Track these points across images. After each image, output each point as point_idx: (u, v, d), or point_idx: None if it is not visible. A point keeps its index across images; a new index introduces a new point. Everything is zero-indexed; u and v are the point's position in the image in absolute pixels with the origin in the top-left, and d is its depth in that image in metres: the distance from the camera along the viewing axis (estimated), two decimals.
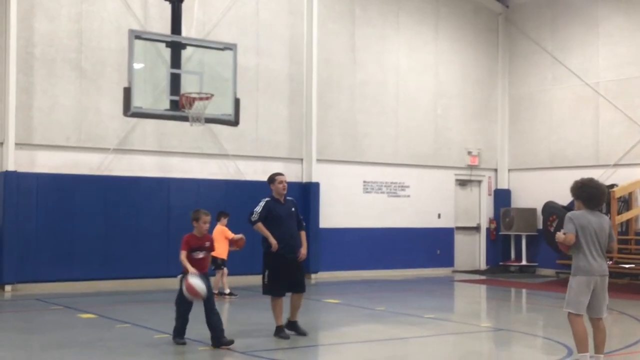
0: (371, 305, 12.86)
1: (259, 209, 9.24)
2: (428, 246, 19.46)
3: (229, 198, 15.97)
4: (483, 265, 20.64)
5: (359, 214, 18.27)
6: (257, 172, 16.80)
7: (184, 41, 13.13)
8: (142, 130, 15.44)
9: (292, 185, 16.96)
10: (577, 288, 7.08)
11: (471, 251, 20.71)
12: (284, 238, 9.16)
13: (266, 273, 9.23)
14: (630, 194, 17.57)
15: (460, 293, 16.40)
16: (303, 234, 9.54)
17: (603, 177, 18.07)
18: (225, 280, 13.54)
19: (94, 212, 14.87)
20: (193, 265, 8.45)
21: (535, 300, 14.91)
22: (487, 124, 20.79)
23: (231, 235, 12.79)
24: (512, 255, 20.24)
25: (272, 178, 9.47)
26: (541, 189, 19.49)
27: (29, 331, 10.14)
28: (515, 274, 19.57)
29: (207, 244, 8.66)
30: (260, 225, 9.23)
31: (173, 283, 15.22)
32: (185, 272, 8.44)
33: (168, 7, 13.82)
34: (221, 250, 12.93)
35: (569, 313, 7.13)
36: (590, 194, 7.16)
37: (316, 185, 17.28)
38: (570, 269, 7.43)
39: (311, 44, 17.48)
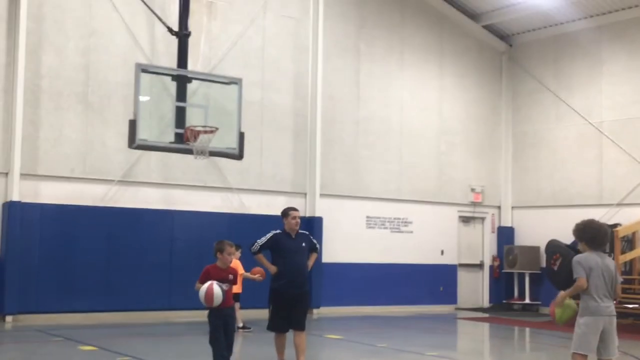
0: (373, 341, 12.78)
1: (262, 240, 9.17)
2: (431, 283, 19.38)
3: (233, 231, 15.92)
4: (486, 303, 20.53)
5: (361, 249, 18.24)
6: (260, 205, 16.83)
7: (189, 75, 13.29)
8: (146, 162, 15.50)
9: None
10: (586, 329, 7.02)
11: (474, 288, 20.61)
12: (288, 273, 9.03)
13: (270, 308, 9.16)
14: (633, 233, 17.52)
15: (463, 331, 16.28)
16: (314, 255, 9.47)
17: (606, 216, 18.06)
18: (238, 315, 13.31)
19: (97, 243, 14.86)
20: None
21: (539, 339, 14.79)
22: (491, 161, 20.84)
23: (241, 271, 12.56)
24: (516, 293, 20.13)
25: (286, 212, 9.35)
26: (544, 227, 19.46)
27: None
28: (519, 312, 19.45)
29: (231, 276, 8.33)
30: (259, 256, 9.19)
31: (175, 316, 15.24)
32: (210, 308, 8.16)
33: (175, 41, 14.02)
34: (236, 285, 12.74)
35: (574, 354, 7.06)
36: (593, 235, 7.16)
37: (319, 220, 17.27)
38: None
39: (316, 80, 17.62)
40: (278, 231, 9.28)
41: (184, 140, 12.56)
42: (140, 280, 15.19)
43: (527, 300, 19.75)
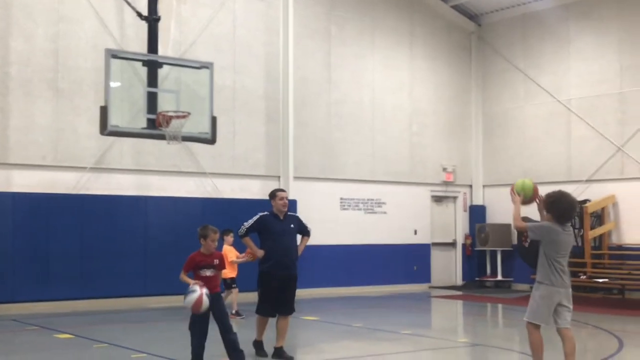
0: (349, 321, 12.92)
1: (249, 223, 9.04)
2: (405, 262, 19.59)
3: (207, 216, 15.92)
4: (459, 281, 20.80)
5: (336, 231, 18.36)
6: (234, 189, 16.86)
7: (160, 60, 13.18)
8: (119, 149, 15.44)
9: (269, 203, 17.04)
10: (541, 300, 7.15)
11: (447, 267, 20.86)
12: (275, 255, 8.92)
13: (259, 292, 9.08)
14: (602, 209, 17.85)
15: (436, 309, 16.51)
16: (305, 239, 9.44)
17: (576, 192, 18.30)
18: (234, 300, 13.26)
19: (71, 231, 14.81)
20: (202, 283, 7.95)
21: (511, 315, 15.05)
22: (462, 141, 21.03)
23: (235, 256, 12.48)
24: (488, 271, 20.42)
25: (273, 194, 9.24)
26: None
27: (6, 353, 10.05)
28: (491, 289, 19.75)
29: (216, 261, 8.16)
30: (247, 239, 9.08)
31: (151, 302, 15.27)
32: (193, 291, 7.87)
33: (144, 26, 13.87)
34: (229, 270, 12.75)
35: (528, 323, 7.22)
36: (563, 209, 7.20)
37: (293, 203, 17.31)
38: None
39: (287, 63, 17.62)
40: (265, 213, 9.15)
41: (156, 125, 12.48)
42: (115, 267, 15.18)
43: (500, 277, 20.05)
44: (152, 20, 13.71)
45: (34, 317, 13.11)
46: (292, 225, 9.18)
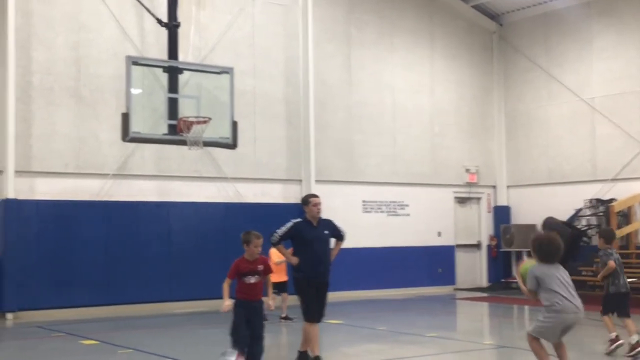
0: (373, 325, 12.84)
1: (281, 231, 8.75)
2: (429, 264, 19.46)
3: (229, 221, 15.99)
4: (484, 283, 20.62)
5: (359, 234, 18.24)
6: (256, 194, 16.85)
7: (180, 66, 13.25)
8: (140, 155, 15.50)
9: (291, 207, 17.06)
10: (552, 326, 7.11)
11: (472, 269, 20.69)
12: (310, 263, 8.67)
13: (301, 299, 8.78)
14: (629, 208, 17.60)
15: (462, 311, 16.37)
16: (339, 244, 9.15)
17: (602, 191, 18.15)
18: (284, 304, 13.19)
19: (94, 237, 14.88)
20: (246, 290, 7.78)
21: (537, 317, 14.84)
22: (485, 141, 20.88)
23: (275, 259, 12.35)
24: (514, 272, 20.21)
25: (307, 200, 8.93)
26: (540, 204, 19.52)
27: (31, 359, 10.12)
28: (517, 291, 19.47)
29: (260, 267, 7.90)
30: (279, 247, 8.88)
31: (175, 307, 15.28)
32: (239, 299, 7.78)
33: (165, 33, 13.97)
34: (278, 274, 12.73)
35: (532, 336, 7.25)
36: (545, 252, 7.20)
37: None
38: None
39: (307, 66, 17.59)
40: (299, 220, 8.89)
41: (177, 131, 12.54)
42: (139, 273, 15.22)
43: None
44: (172, 26, 13.79)
45: (58, 323, 13.17)
46: (326, 232, 8.92)
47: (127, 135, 12.28)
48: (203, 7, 16.51)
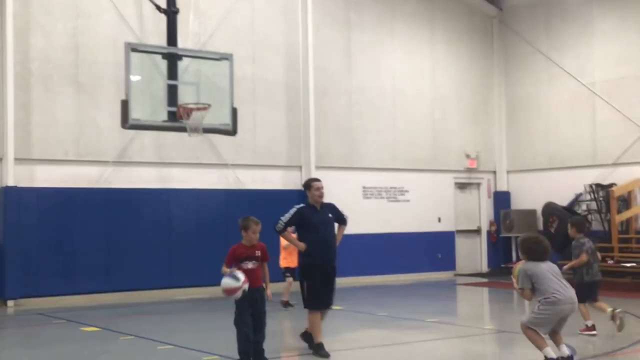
0: (374, 310, 12.88)
1: (286, 217, 8.67)
2: (429, 250, 19.48)
3: (229, 207, 15.98)
4: (485, 268, 20.65)
5: (359, 220, 18.20)
6: (256, 180, 16.85)
7: (180, 52, 13.21)
8: (140, 142, 15.48)
9: (291, 193, 17.07)
10: (548, 317, 7.25)
11: (472, 254, 20.72)
12: (317, 247, 8.58)
13: (305, 286, 8.66)
14: (629, 192, 17.60)
15: (462, 296, 16.40)
16: (342, 228, 9.07)
17: (602, 176, 18.15)
18: (286, 290, 13.13)
19: (95, 225, 14.88)
20: (245, 276, 7.59)
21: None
22: (485, 126, 20.84)
23: (284, 243, 12.40)
24: (514, 257, 20.24)
25: (308, 184, 8.87)
26: (540, 190, 19.53)
27: (33, 346, 10.16)
28: None
29: (258, 253, 7.82)
30: (285, 234, 8.82)
31: (176, 293, 15.32)
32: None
33: (163, 19, 13.91)
34: (289, 259, 12.85)
35: (526, 326, 7.38)
36: (534, 251, 7.34)
37: None
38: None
39: (307, 52, 17.54)
40: (302, 205, 8.81)
41: (177, 118, 12.52)
42: (140, 260, 15.24)
43: None
44: (170, 12, 13.73)
45: (60, 310, 13.21)
46: (330, 215, 8.83)
47: (126, 122, 12.26)
48: None
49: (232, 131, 13.20)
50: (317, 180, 8.93)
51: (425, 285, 17.73)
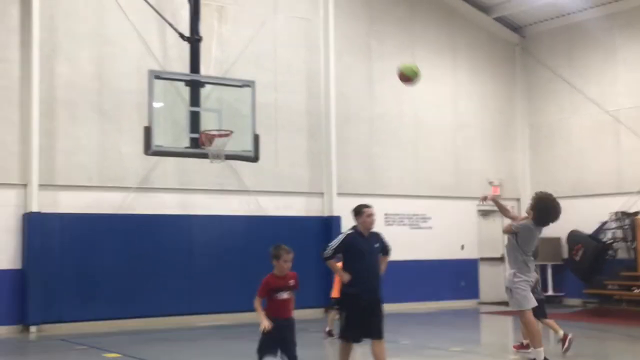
0: (396, 338, 12.72)
1: (334, 244, 8.33)
2: (452, 278, 19.29)
3: (251, 234, 15.98)
4: None
5: None
6: (278, 207, 16.83)
7: (202, 79, 13.34)
8: (163, 168, 15.55)
9: (313, 220, 17.06)
10: (525, 288, 8.68)
11: (496, 282, 20.46)
12: (363, 277, 8.22)
13: (344, 316, 8.34)
14: None
15: (486, 325, 16.19)
16: (385, 258, 8.67)
17: (627, 204, 17.92)
18: (331, 319, 12.80)
19: (117, 250, 14.92)
20: (277, 307, 7.43)
21: (564, 331, 14.65)
22: (508, 153, 20.73)
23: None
24: (538, 285, 19.96)
25: (360, 210, 8.41)
26: (565, 217, 18.81)
27: None
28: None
29: (292, 282, 7.53)
30: (332, 262, 8.42)
31: (197, 320, 15.27)
32: (269, 317, 7.35)
33: (187, 47, 14.07)
34: (335, 289, 12.30)
35: (523, 312, 7.84)
36: (544, 214, 8.25)
37: (337, 219, 17.22)
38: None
39: (328, 79, 17.60)
40: (350, 231, 8.44)
41: (199, 144, 12.60)
42: (161, 286, 15.23)
43: (550, 292, 19.58)
44: (194, 40, 13.90)
45: (82, 336, 13.20)
46: (376, 245, 8.48)
47: (149, 148, 12.35)
48: (225, 21, 16.60)
49: (254, 157, 13.25)
50: (368, 206, 8.48)
51: (448, 313, 17.53)
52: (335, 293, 12.61)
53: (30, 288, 14.03)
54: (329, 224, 17.14)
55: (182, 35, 14.13)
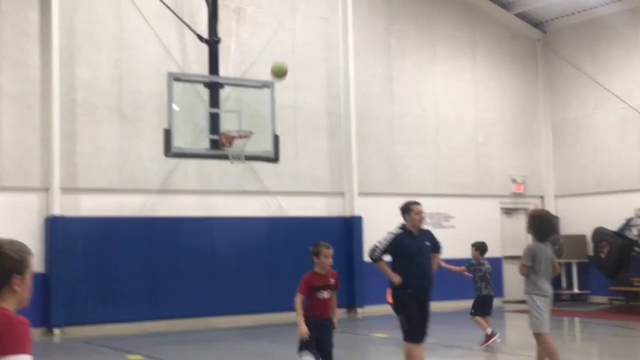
0: None
1: (382, 244, 8.04)
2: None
3: (272, 235, 15.95)
4: None
5: None
6: (299, 208, 16.78)
7: (221, 81, 13.33)
8: (183, 170, 15.56)
9: (334, 220, 16.98)
10: (543, 309, 8.15)
11: (520, 281, 20.14)
12: (414, 278, 7.96)
13: (404, 317, 8.09)
14: None
15: (510, 323, 16.03)
16: (436, 256, 8.46)
17: None
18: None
19: (139, 253, 14.95)
20: (317, 306, 7.32)
21: (589, 329, 14.48)
22: (531, 150, 20.51)
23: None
24: (563, 284, 19.76)
25: (408, 207, 8.22)
26: (589, 214, 19.06)
27: None
28: (567, 303, 19.07)
29: (332, 281, 7.41)
30: (381, 263, 8.11)
31: (219, 321, 15.25)
32: (309, 316, 7.29)
33: (205, 48, 14.07)
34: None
35: (540, 335, 7.61)
36: (541, 228, 8.29)
37: (359, 219, 17.15)
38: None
39: (348, 78, 17.51)
40: (400, 231, 8.15)
41: (219, 146, 12.58)
42: (183, 287, 15.24)
43: (576, 290, 19.37)
44: (212, 42, 13.89)
45: (105, 339, 13.24)
46: (427, 243, 8.22)
47: (169, 150, 12.36)
48: (243, 23, 16.57)
49: (274, 158, 13.21)
50: (417, 203, 8.28)
51: None
52: (389, 297, 12.41)
53: (53, 291, 14.09)
54: (351, 224, 17.06)
55: (200, 37, 14.13)
